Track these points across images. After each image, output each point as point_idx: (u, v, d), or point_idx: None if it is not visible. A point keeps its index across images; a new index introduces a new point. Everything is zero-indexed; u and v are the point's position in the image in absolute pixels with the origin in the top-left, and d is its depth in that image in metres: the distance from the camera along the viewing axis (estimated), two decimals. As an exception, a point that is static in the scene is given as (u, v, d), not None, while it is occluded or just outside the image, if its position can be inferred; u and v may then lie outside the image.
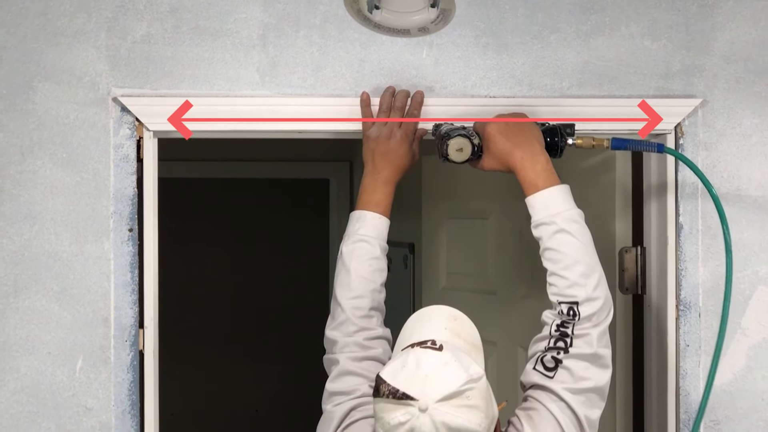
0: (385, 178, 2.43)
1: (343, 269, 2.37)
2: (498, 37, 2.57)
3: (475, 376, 1.87)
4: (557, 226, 2.28)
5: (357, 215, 2.42)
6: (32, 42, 2.45)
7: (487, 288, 3.39)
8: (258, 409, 6.67)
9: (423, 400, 1.83)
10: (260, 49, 2.51)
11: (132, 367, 2.48)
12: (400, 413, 1.84)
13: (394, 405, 1.85)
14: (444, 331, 2.03)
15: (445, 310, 2.13)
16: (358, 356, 2.27)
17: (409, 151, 2.47)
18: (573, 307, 2.21)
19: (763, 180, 2.64)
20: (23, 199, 2.45)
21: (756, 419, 2.64)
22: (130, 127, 2.48)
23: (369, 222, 2.40)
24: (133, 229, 2.48)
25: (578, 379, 2.16)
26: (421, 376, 1.85)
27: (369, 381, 2.21)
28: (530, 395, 2.19)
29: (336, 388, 2.25)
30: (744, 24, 2.63)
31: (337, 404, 2.21)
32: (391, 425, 1.85)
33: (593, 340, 2.19)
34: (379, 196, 2.42)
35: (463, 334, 2.06)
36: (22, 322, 2.45)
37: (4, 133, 2.44)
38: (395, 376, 1.87)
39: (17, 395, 2.45)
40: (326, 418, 2.22)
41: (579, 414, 2.14)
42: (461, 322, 2.10)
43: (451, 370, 1.86)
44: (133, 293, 2.48)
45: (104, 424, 2.47)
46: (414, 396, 1.83)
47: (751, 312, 2.64)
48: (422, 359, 1.88)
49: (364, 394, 2.20)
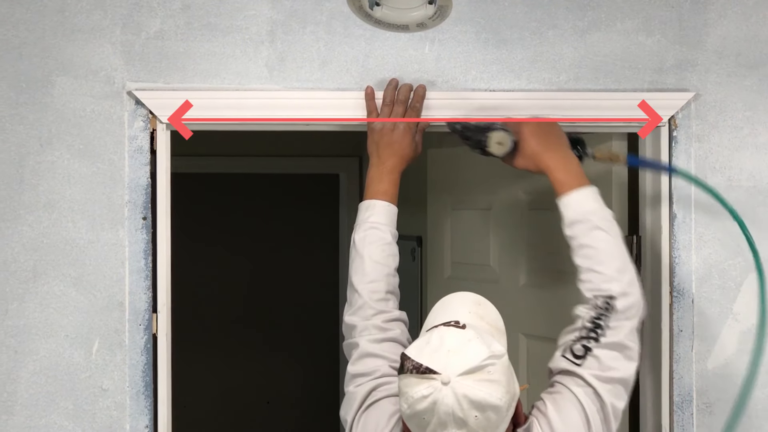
0: (390, 168, 2.53)
1: (357, 256, 2.46)
2: (498, 33, 2.67)
3: (497, 353, 1.94)
4: (593, 224, 2.36)
5: (366, 204, 2.52)
6: (50, 38, 2.55)
7: (489, 277, 3.46)
8: (269, 400, 6.74)
9: (446, 373, 1.89)
10: (269, 44, 2.61)
11: (146, 349, 2.58)
12: (423, 387, 1.91)
13: (418, 379, 1.92)
14: (468, 314, 2.09)
15: (469, 295, 2.20)
16: (378, 338, 2.34)
17: (412, 143, 2.57)
18: (608, 300, 2.28)
19: (753, 171, 2.73)
20: (42, 188, 2.55)
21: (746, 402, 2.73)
22: (144, 119, 2.57)
23: (378, 209, 2.49)
24: (146, 218, 2.58)
25: (606, 368, 2.22)
26: (444, 351, 1.93)
27: (389, 362, 2.28)
28: (557, 380, 2.24)
29: (357, 371, 2.32)
30: (735, 20, 2.72)
31: (359, 385, 2.28)
32: (415, 399, 1.92)
33: (625, 332, 2.26)
34: (386, 186, 2.52)
35: (486, 317, 2.13)
36: (41, 306, 2.55)
37: (24, 125, 2.54)
38: (419, 352, 1.95)
39: (36, 376, 2.55)
40: (348, 399, 2.29)
41: (605, 401, 2.19)
42: (485, 306, 2.17)
43: (473, 346, 1.94)
44: (147, 279, 2.58)
45: (119, 404, 2.57)
46: (437, 370, 1.90)
47: (743, 298, 2.72)
48: (446, 336, 1.96)
49: (385, 374, 2.27)
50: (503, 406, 1.92)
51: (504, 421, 1.96)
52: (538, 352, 3.28)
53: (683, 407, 2.71)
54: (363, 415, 2.23)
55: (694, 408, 2.72)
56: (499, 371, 1.93)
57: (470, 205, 3.57)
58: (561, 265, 3.17)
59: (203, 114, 2.59)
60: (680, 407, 2.71)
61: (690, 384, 2.72)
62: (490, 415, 1.91)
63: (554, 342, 3.20)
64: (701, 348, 2.72)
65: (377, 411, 2.22)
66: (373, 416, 2.21)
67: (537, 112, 2.65)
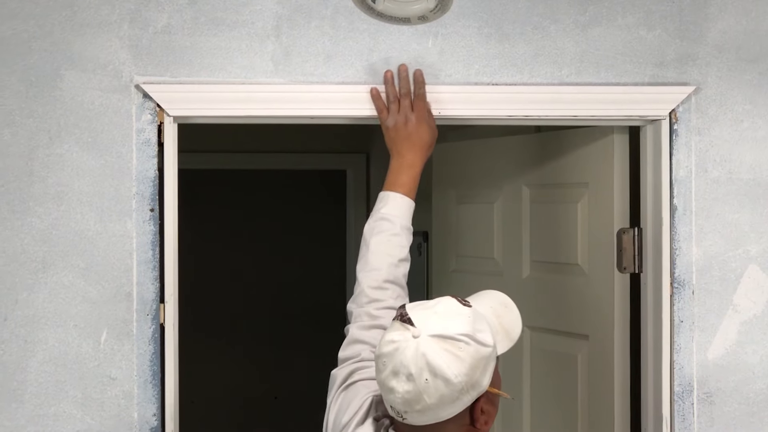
0: (411, 162, 2.56)
1: (364, 245, 2.50)
2: (500, 28, 2.70)
3: (481, 340, 1.95)
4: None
5: (381, 196, 2.55)
6: (59, 32, 2.59)
7: (493, 270, 3.50)
8: (277, 396, 6.78)
9: (420, 329, 1.94)
10: (274, 39, 2.64)
11: (153, 339, 2.62)
12: (396, 333, 1.96)
13: (397, 326, 1.97)
14: (488, 308, 2.10)
15: (500, 295, 2.20)
16: (366, 325, 2.38)
17: (428, 129, 2.60)
18: None
19: (753, 164, 2.76)
20: (51, 180, 2.59)
21: (747, 392, 2.76)
22: (151, 112, 2.61)
23: (391, 201, 2.52)
24: (154, 209, 2.61)
25: None
26: (432, 312, 1.97)
27: (371, 347, 2.31)
28: None
29: (343, 355, 2.36)
30: (736, 14, 2.75)
31: (341, 368, 2.33)
32: (384, 341, 1.97)
33: None
34: (404, 178, 2.55)
35: (502, 319, 2.12)
36: (50, 296, 2.59)
37: (33, 118, 2.58)
38: (414, 306, 2.01)
39: (45, 365, 2.59)
40: (330, 381, 2.33)
41: None
42: (508, 310, 2.16)
43: (459, 320, 1.96)
44: (155, 269, 2.61)
45: (127, 393, 2.61)
46: (415, 324, 1.95)
47: (742, 289, 2.75)
48: (443, 302, 2.01)
49: (364, 359, 2.30)
50: (457, 384, 1.92)
51: (454, 404, 1.95)
52: (541, 344, 3.32)
53: (684, 397, 2.74)
54: (340, 395, 2.26)
55: (695, 398, 2.75)
56: (471, 354, 1.93)
57: (475, 199, 3.60)
58: (563, 257, 3.22)
59: (209, 107, 2.63)
60: (681, 397, 2.74)
61: (690, 374, 2.75)
62: (440, 385, 1.92)
63: (557, 333, 3.26)
64: (702, 338, 2.75)
65: (352, 392, 2.24)
66: (348, 397, 2.23)
67: (539, 105, 2.69)
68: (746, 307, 2.76)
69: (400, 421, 2.00)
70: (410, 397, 1.94)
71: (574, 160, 3.14)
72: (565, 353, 3.15)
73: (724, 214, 2.74)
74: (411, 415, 1.97)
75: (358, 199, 5.83)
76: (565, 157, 3.18)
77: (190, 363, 3.56)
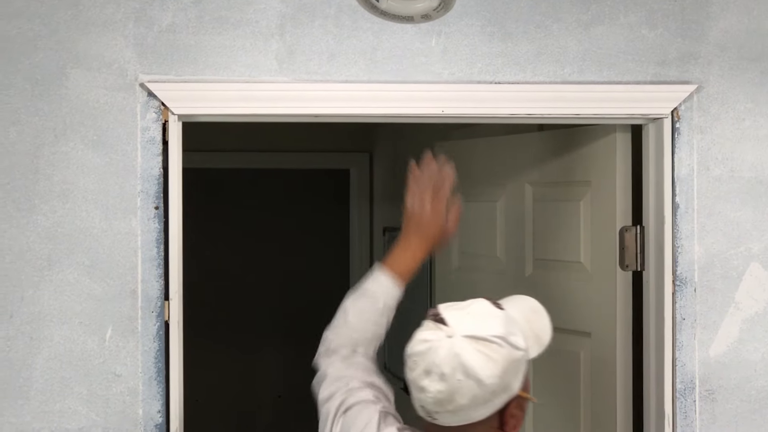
0: (414, 247, 2.47)
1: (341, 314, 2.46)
2: (503, 26, 2.71)
3: (513, 342, 1.95)
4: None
5: (374, 269, 2.46)
6: (65, 31, 2.60)
7: (496, 268, 3.51)
8: (280, 395, 6.79)
9: (453, 329, 1.94)
10: (278, 37, 2.66)
11: (158, 336, 2.63)
12: (429, 333, 1.96)
13: (430, 326, 1.97)
14: (518, 312, 2.11)
15: (530, 300, 2.21)
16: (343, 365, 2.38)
17: (437, 227, 2.49)
18: None
19: (755, 162, 2.77)
20: (56, 178, 2.60)
21: (748, 388, 2.77)
22: (156, 111, 2.62)
23: (381, 281, 2.43)
24: (159, 207, 2.63)
25: None
26: (465, 312, 1.98)
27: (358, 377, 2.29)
28: None
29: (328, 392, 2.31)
30: (737, 13, 2.76)
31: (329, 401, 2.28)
32: (417, 340, 1.97)
33: None
34: (403, 261, 2.46)
35: (533, 324, 2.12)
36: (55, 293, 2.61)
37: (39, 116, 2.60)
38: (447, 306, 2.01)
39: (51, 362, 2.61)
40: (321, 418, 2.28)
41: None
42: (539, 315, 2.17)
43: (493, 322, 1.97)
44: (159, 267, 2.63)
45: (132, 389, 2.62)
46: (448, 323, 1.95)
47: (744, 287, 2.77)
48: (477, 303, 2.01)
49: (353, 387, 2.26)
50: (489, 386, 1.92)
51: (486, 405, 1.95)
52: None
53: (686, 394, 2.75)
54: (339, 420, 2.21)
55: (697, 395, 2.76)
56: (503, 357, 1.94)
57: (478, 198, 3.61)
58: (566, 255, 3.23)
59: (214, 105, 2.65)
60: (683, 394, 2.76)
61: (692, 371, 2.76)
62: (473, 386, 1.92)
63: (559, 331, 3.25)
64: (703, 336, 2.76)
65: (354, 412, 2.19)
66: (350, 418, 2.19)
67: (542, 104, 2.70)
68: (748, 305, 2.77)
69: (430, 421, 1.99)
70: (442, 396, 1.94)
71: (576, 159, 3.15)
72: (568, 350, 3.16)
73: (726, 212, 2.76)
74: (442, 415, 1.97)
75: (362, 198, 5.84)
76: (567, 156, 3.19)
77: (194, 361, 3.57)
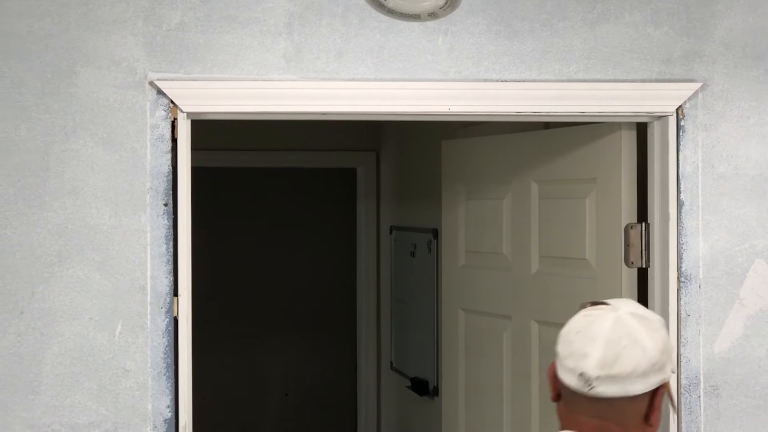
0: None
1: None
2: (509, 25, 2.73)
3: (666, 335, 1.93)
4: None
5: None
6: (75, 30, 2.63)
7: (502, 265, 3.53)
8: (288, 392, 6.82)
9: (616, 306, 1.93)
10: (286, 36, 2.68)
11: (167, 332, 2.66)
12: (592, 310, 1.94)
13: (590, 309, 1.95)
14: None
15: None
16: None
17: None
18: None
19: (760, 159, 2.79)
20: (67, 175, 2.63)
21: (753, 384, 2.79)
22: (165, 108, 2.65)
23: None
24: (168, 204, 2.65)
25: None
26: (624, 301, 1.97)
27: None
28: None
29: None
30: (742, 12, 2.78)
31: None
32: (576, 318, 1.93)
33: None
34: None
35: None
36: (66, 289, 2.63)
37: (50, 114, 2.62)
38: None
39: (61, 357, 2.63)
40: None
41: None
42: None
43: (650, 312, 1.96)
44: (168, 263, 2.65)
45: (141, 384, 2.65)
46: (609, 303, 1.94)
47: (749, 283, 2.79)
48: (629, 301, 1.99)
49: None
50: (651, 357, 1.88)
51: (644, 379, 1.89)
52: (550, 338, 3.34)
53: (690, 390, 2.77)
54: None
55: (701, 391, 2.78)
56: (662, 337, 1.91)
57: (484, 196, 3.63)
58: (572, 253, 3.25)
59: (222, 103, 2.67)
60: (687, 390, 2.78)
61: (697, 367, 2.78)
62: (637, 353, 1.87)
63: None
64: (708, 332, 2.78)
65: None
66: None
67: (547, 102, 2.72)
68: (752, 301, 2.79)
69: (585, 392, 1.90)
70: (607, 361, 1.87)
71: (582, 156, 3.17)
72: (574, 347, 3.17)
73: (731, 209, 2.78)
74: (602, 381, 1.88)
75: (369, 196, 5.86)
76: (573, 153, 3.21)
77: (202, 359, 3.59)
